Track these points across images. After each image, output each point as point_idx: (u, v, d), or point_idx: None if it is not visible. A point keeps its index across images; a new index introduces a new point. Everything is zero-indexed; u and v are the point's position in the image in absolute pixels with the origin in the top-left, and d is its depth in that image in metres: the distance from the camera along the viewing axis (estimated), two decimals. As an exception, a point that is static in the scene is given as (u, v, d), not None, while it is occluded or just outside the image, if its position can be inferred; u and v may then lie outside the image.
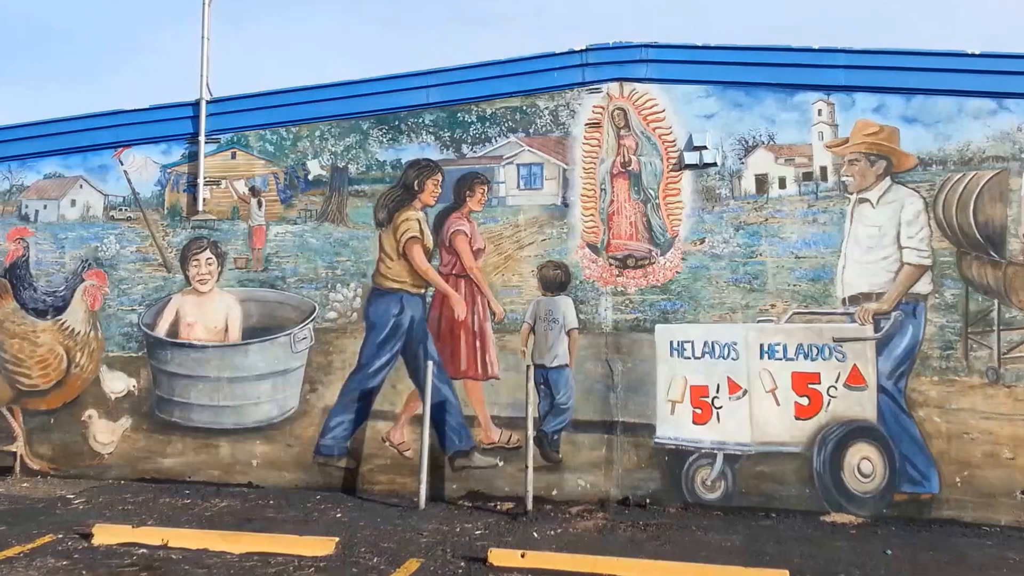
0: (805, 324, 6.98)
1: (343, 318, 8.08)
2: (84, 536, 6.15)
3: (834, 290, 6.99)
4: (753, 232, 7.28)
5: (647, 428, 7.18)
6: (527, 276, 7.71)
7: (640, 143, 7.67)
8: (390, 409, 7.83)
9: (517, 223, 7.82)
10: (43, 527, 6.49)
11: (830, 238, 7.07)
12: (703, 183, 7.46)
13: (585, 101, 7.84)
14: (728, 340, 7.07)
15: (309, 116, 8.47)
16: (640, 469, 7.15)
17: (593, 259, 7.61)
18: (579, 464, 7.29)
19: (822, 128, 7.27)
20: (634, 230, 7.59)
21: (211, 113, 8.70)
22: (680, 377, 7.16)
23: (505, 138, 8.02)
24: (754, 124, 7.42)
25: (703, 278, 7.31)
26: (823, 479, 6.70)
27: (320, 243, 8.27)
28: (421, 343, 7.82)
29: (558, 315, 7.57)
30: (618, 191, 7.68)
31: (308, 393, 8.05)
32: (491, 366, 7.68)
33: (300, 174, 8.47)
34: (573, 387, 7.42)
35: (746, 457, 6.89)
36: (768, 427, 6.86)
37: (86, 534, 6.16)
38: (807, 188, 7.22)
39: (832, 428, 6.74)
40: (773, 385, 6.90)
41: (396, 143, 8.27)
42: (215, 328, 8.35)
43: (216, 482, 8.06)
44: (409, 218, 8.03)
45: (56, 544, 6.04)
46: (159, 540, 5.98)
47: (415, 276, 7.94)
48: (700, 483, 6.98)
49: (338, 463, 7.86)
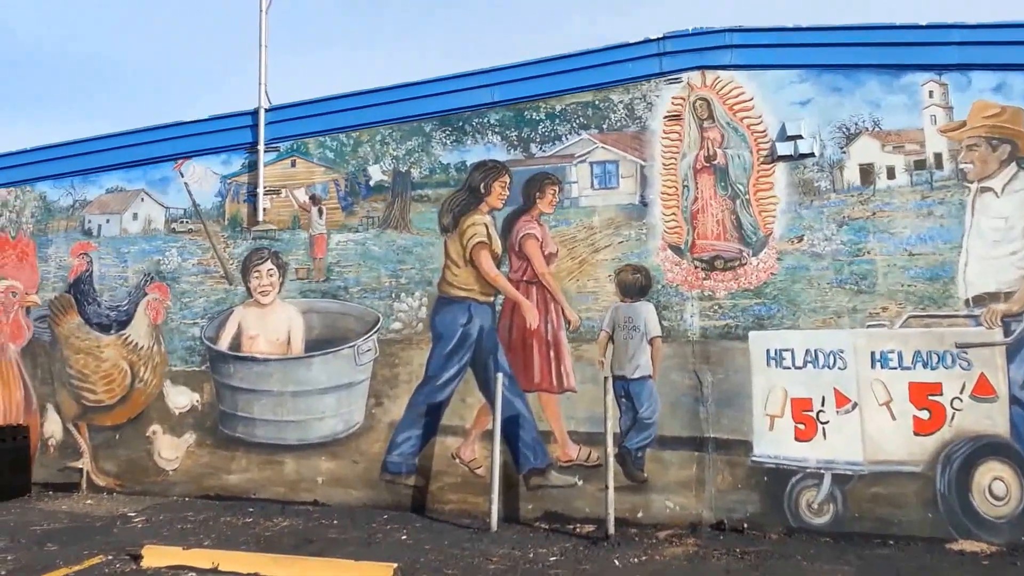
0: (923, 328, 6.27)
1: (408, 328, 7.74)
2: (134, 558, 5.95)
3: (955, 290, 6.27)
4: (859, 228, 6.62)
5: (742, 445, 6.58)
6: (603, 281, 7.22)
7: (726, 135, 7.12)
8: (459, 424, 7.44)
9: (591, 225, 7.35)
10: (96, 547, 6.32)
11: (948, 232, 6.36)
12: (799, 175, 6.85)
13: (663, 93, 7.34)
14: (834, 347, 6.43)
15: (369, 120, 8.22)
16: (735, 490, 6.54)
17: (676, 261, 7.07)
18: (666, 484, 6.73)
19: (934, 111, 6.59)
20: (722, 229, 7.02)
21: (269, 121, 8.54)
22: (779, 389, 6.54)
23: (576, 135, 7.58)
24: (856, 109, 6.78)
25: (802, 280, 6.68)
26: (948, 502, 5.99)
27: (383, 251, 7.97)
28: (491, 354, 7.41)
29: (639, 322, 7.05)
30: (702, 187, 7.13)
31: (373, 407, 7.73)
32: (567, 377, 7.20)
33: (361, 180, 8.20)
34: (657, 400, 6.88)
35: (858, 477, 6.22)
36: (883, 444, 6.18)
37: (136, 555, 5.96)
38: (920, 178, 6.53)
39: (957, 444, 6.03)
40: (887, 397, 6.23)
41: (460, 144, 7.92)
42: (277, 340, 8.12)
43: (281, 500, 7.80)
44: (476, 222, 7.66)
45: (104, 566, 5.84)
46: (210, 563, 5.75)
47: (483, 283, 7.55)
48: (805, 506, 6.33)
49: (406, 481, 7.50)
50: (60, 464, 8.76)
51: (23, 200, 9.33)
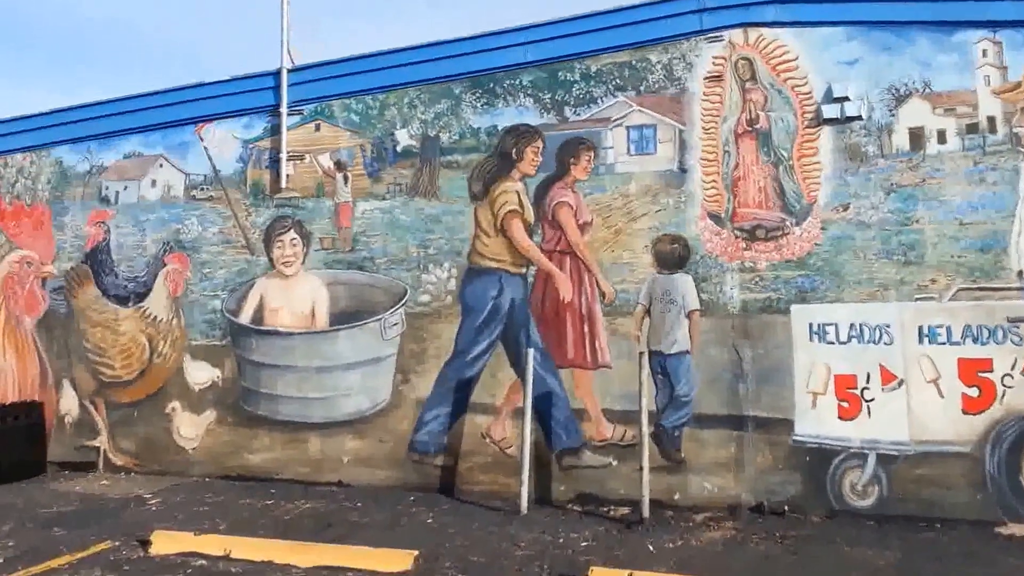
0: (973, 302, 6.73)
1: (437, 301, 8.36)
2: (143, 544, 6.38)
3: (1007, 261, 6.72)
4: (907, 196, 7.08)
5: (783, 424, 7.11)
6: (640, 252, 7.76)
7: (769, 97, 7.58)
8: (490, 401, 8.06)
9: (628, 192, 7.88)
10: (105, 532, 6.76)
11: (1001, 200, 6.79)
12: (845, 140, 7.31)
13: (703, 52, 7.82)
14: (880, 322, 6.92)
15: (397, 82, 8.79)
16: (776, 471, 7.10)
17: (716, 231, 7.59)
18: (704, 464, 7.30)
19: (988, 71, 6.99)
20: (764, 196, 7.52)
21: (293, 83, 9.16)
22: (822, 365, 7.05)
23: (612, 98, 8.08)
24: (906, 69, 7.20)
25: (848, 250, 7.17)
26: (998, 483, 6.48)
27: (411, 220, 8.58)
28: (523, 328, 8.00)
29: (676, 295, 7.60)
30: (744, 153, 7.62)
31: (400, 384, 8.38)
32: (601, 353, 7.78)
33: (388, 145, 8.81)
34: (695, 376, 7.44)
35: (903, 458, 6.73)
36: (930, 423, 6.68)
37: (145, 541, 6.38)
38: (972, 142, 6.96)
39: (1009, 423, 6.49)
40: (935, 374, 6.71)
41: (492, 108, 8.47)
42: (301, 314, 8.79)
43: (305, 480, 8.49)
44: (507, 190, 8.21)
45: (110, 553, 6.22)
46: (221, 550, 6.09)
47: (515, 254, 8.12)
48: (848, 488, 6.86)
49: (434, 460, 8.15)
50: (76, 442, 9.57)
51: (39, 166, 10.14)
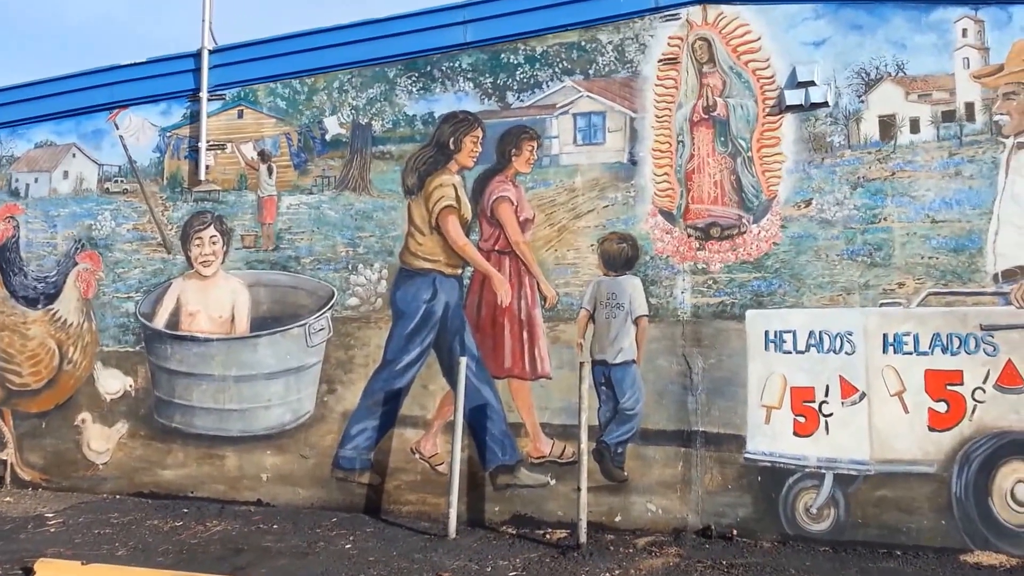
0: (944, 308, 6.37)
1: (366, 305, 8.01)
2: (26, 572, 6.08)
3: (983, 263, 6.35)
4: (876, 190, 6.71)
5: (735, 440, 6.76)
6: (585, 251, 7.41)
7: (728, 81, 7.22)
8: (421, 414, 7.72)
9: (573, 186, 7.52)
10: None
11: (978, 195, 6.42)
12: (809, 129, 6.94)
13: (658, 32, 7.45)
14: (841, 329, 6.56)
15: (326, 64, 8.44)
16: (726, 491, 6.74)
17: (667, 229, 7.23)
18: (649, 484, 6.95)
19: (968, 53, 6.62)
20: (720, 191, 7.15)
21: (214, 65, 8.81)
22: (778, 376, 6.70)
23: (559, 82, 7.73)
24: (878, 51, 6.83)
25: (809, 250, 6.80)
26: (965, 507, 6.13)
27: (339, 216, 8.23)
28: (457, 334, 7.66)
29: (623, 299, 7.23)
30: (699, 143, 7.26)
31: (325, 395, 8.04)
32: (541, 362, 7.43)
33: (316, 134, 8.45)
34: (642, 388, 7.08)
35: (863, 478, 6.37)
36: (893, 440, 6.32)
37: (28, 570, 6.07)
38: (948, 131, 6.59)
39: (978, 442, 6.15)
40: (900, 387, 6.36)
41: (428, 93, 8.12)
42: (220, 318, 8.45)
43: (221, 499, 8.15)
44: (443, 183, 7.87)
45: None
46: None
47: (450, 253, 7.78)
48: (803, 510, 6.52)
49: (360, 478, 7.81)
50: (-17, 456, 9.21)
51: (-58, 157, 9.75)
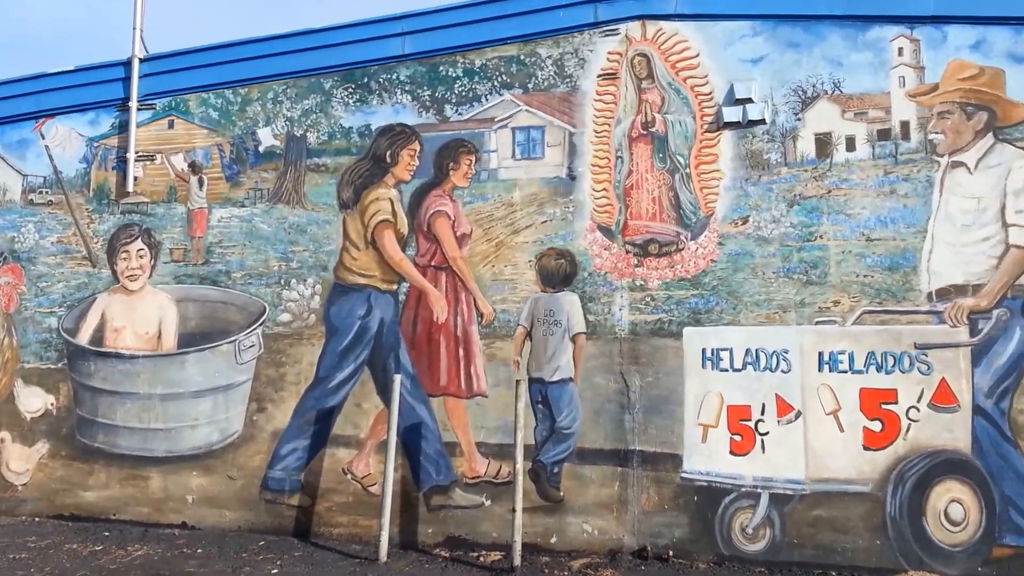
0: (879, 326, 6.46)
1: (298, 321, 7.92)
2: None
3: (917, 282, 6.46)
4: (812, 208, 6.81)
5: (672, 459, 6.77)
6: (523, 267, 7.41)
7: (667, 97, 7.30)
8: (354, 434, 7.62)
9: (512, 201, 7.53)
10: None
11: (913, 214, 6.55)
12: (747, 146, 7.03)
13: (598, 47, 7.52)
14: (777, 347, 6.62)
15: (260, 74, 8.39)
16: (662, 512, 6.73)
17: (606, 245, 7.26)
18: (585, 505, 6.92)
19: (903, 72, 6.76)
20: (658, 208, 7.21)
21: (145, 74, 8.72)
22: (715, 394, 6.73)
23: (498, 95, 7.76)
24: (814, 69, 6.95)
25: (746, 268, 6.87)
26: (899, 527, 6.19)
27: (272, 229, 8.14)
28: (392, 352, 7.59)
29: (561, 316, 7.23)
30: (638, 159, 7.31)
31: (255, 413, 7.91)
32: (477, 380, 7.39)
33: (249, 145, 8.37)
34: (579, 407, 7.07)
35: (799, 498, 6.40)
36: (828, 460, 6.36)
37: None
38: (883, 150, 6.71)
39: (912, 461, 6.22)
40: (835, 405, 6.41)
41: (365, 105, 8.10)
42: (146, 334, 8.29)
43: (144, 522, 7.96)
44: (380, 197, 7.82)
45: None
46: None
47: (386, 269, 7.72)
48: (739, 531, 6.53)
49: (289, 500, 7.67)
50: (-101, 478, 8.92)
51: None
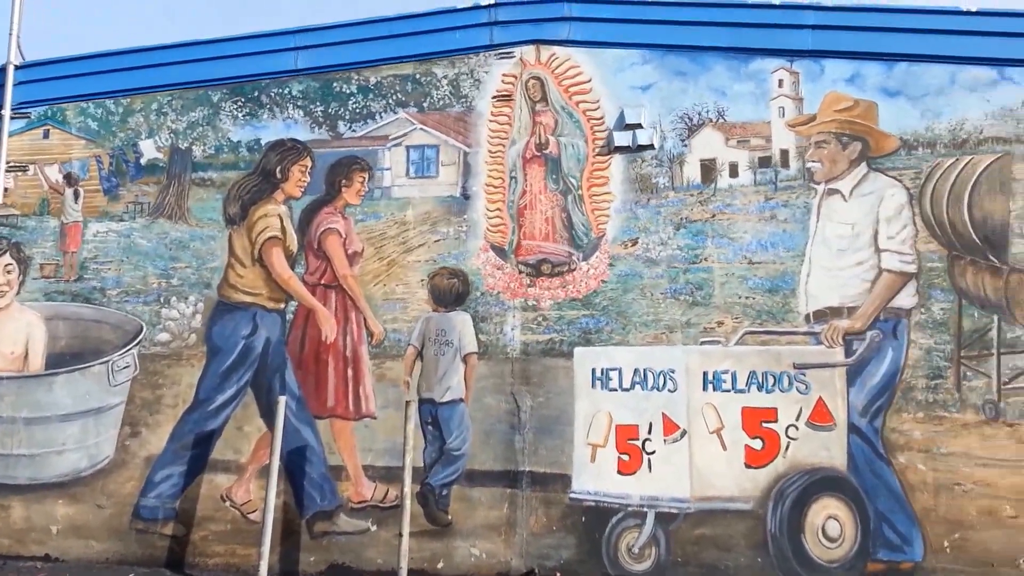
0: (760, 347, 6.84)
1: (178, 341, 7.81)
2: None
3: (796, 304, 6.88)
4: (697, 231, 7.18)
5: (561, 480, 6.94)
6: (415, 287, 7.52)
7: (560, 120, 7.59)
8: (234, 458, 7.52)
9: (405, 220, 7.66)
10: None
11: (792, 238, 6.99)
12: (636, 170, 7.37)
13: (493, 68, 7.78)
14: (664, 367, 6.91)
15: (144, 84, 8.35)
16: (550, 533, 6.89)
17: (499, 265, 7.45)
18: (474, 528, 7.01)
19: (783, 103, 7.25)
20: (551, 228, 7.46)
21: (20, 81, 8.56)
22: (603, 414, 6.96)
23: (392, 113, 7.92)
24: (700, 97, 7.38)
25: (635, 289, 7.17)
26: (779, 544, 6.49)
27: (152, 245, 8.04)
28: (277, 372, 7.55)
29: (452, 336, 7.37)
30: (532, 180, 7.57)
31: (128, 438, 7.73)
32: (365, 401, 7.42)
33: (130, 157, 8.28)
34: (469, 428, 7.18)
35: (684, 517, 6.65)
36: (712, 478, 6.65)
37: None
38: (764, 176, 7.16)
39: (791, 479, 6.56)
40: (719, 424, 6.72)
41: (255, 119, 8.12)
42: (11, 354, 8.05)
43: (4, 554, 7.64)
44: (268, 213, 7.82)
45: None
46: None
47: (273, 287, 7.71)
48: (625, 550, 6.73)
49: (163, 529, 7.49)
50: None
51: None
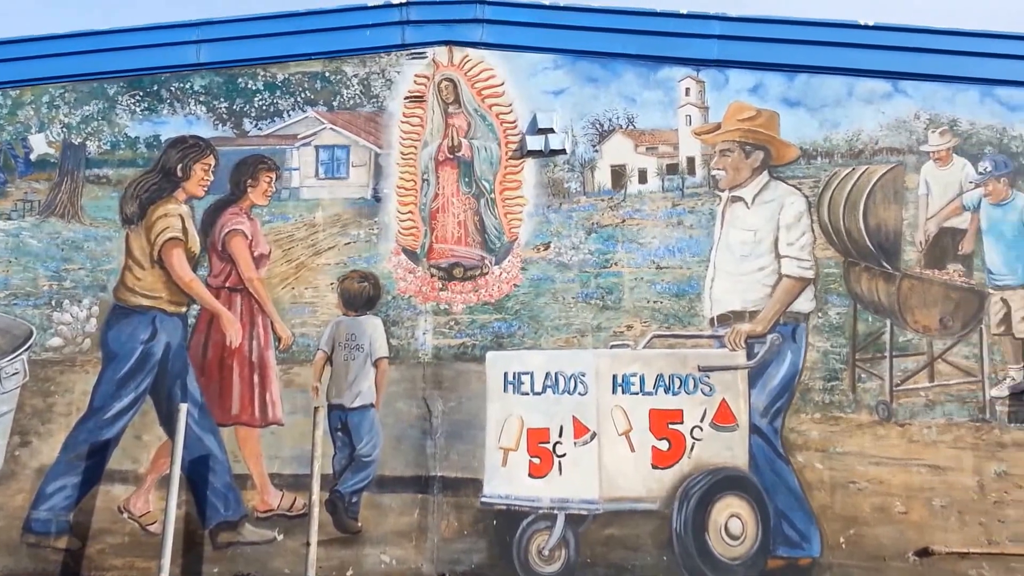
0: (667, 350, 7.18)
1: (71, 346, 7.66)
2: None
3: (701, 308, 7.24)
4: (608, 236, 7.47)
5: (472, 484, 7.12)
6: (324, 290, 7.58)
7: (473, 123, 7.77)
8: (132, 468, 7.41)
9: (314, 222, 7.71)
10: None
11: (698, 244, 7.35)
12: (549, 174, 7.61)
13: (405, 69, 7.90)
14: (575, 370, 7.16)
15: (35, 76, 8.15)
16: (462, 537, 7.06)
17: (411, 268, 7.58)
18: (384, 534, 7.11)
19: (690, 111, 7.61)
20: (463, 232, 7.63)
21: (-103, 68, 8.23)
22: (515, 418, 7.17)
23: (301, 112, 7.95)
24: (611, 104, 7.67)
25: (547, 293, 7.41)
26: (684, 543, 6.83)
27: (43, 245, 7.86)
28: (178, 378, 7.49)
29: (363, 340, 7.46)
30: (444, 182, 7.72)
31: (17, 448, 7.53)
32: (272, 408, 7.44)
33: (19, 152, 8.07)
34: (380, 433, 7.29)
35: (593, 518, 6.92)
36: (620, 479, 6.93)
37: None
38: (671, 183, 7.50)
39: (696, 479, 6.90)
40: (627, 426, 7.02)
41: (154, 114, 8.03)
42: None
43: None
44: (169, 213, 7.74)
45: None
46: None
47: (174, 290, 7.64)
48: (536, 553, 6.95)
49: (56, 543, 7.31)
50: None
51: None
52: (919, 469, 6.86)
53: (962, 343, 7.06)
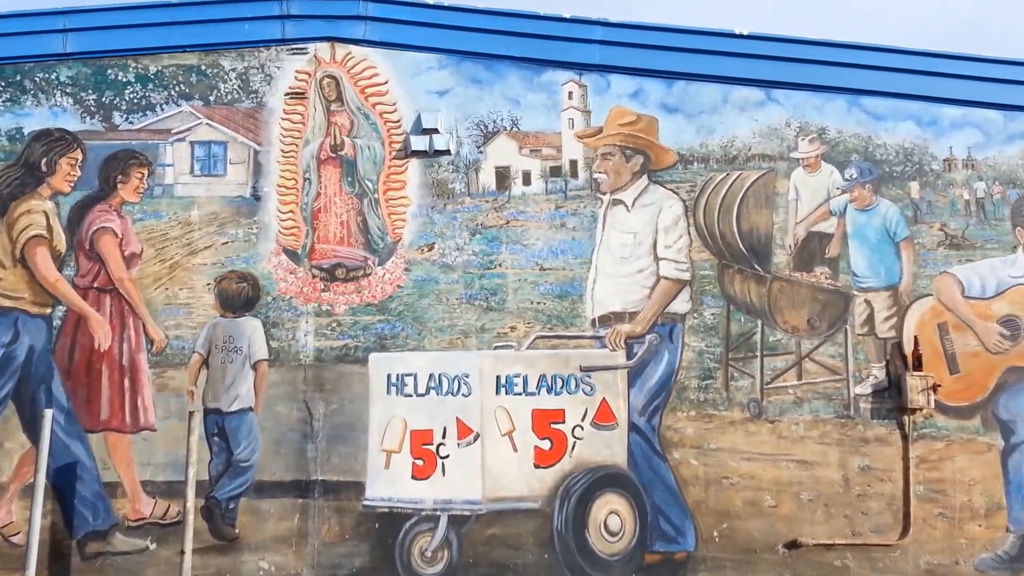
0: (550, 350, 7.48)
1: (-76, 350, 7.43)
2: None
3: (583, 309, 7.58)
4: (492, 237, 7.72)
5: (355, 488, 7.26)
6: (201, 291, 7.57)
7: (356, 122, 7.88)
8: (-8, 478, 7.29)
9: (189, 220, 7.68)
10: None
11: (580, 246, 7.68)
12: (433, 175, 7.81)
13: (285, 64, 7.94)
14: (459, 372, 7.36)
15: None
16: (343, 541, 7.20)
17: (291, 269, 7.65)
18: (263, 540, 7.18)
19: (573, 114, 7.93)
20: (346, 232, 7.75)
21: None
22: (399, 420, 7.33)
23: (176, 106, 7.89)
24: (495, 105, 7.92)
25: (431, 294, 7.61)
26: (565, 541, 7.14)
27: None
28: (43, 383, 7.36)
29: (241, 342, 7.49)
30: (327, 181, 7.81)
31: None
32: (144, 413, 7.40)
33: None
34: (259, 438, 7.34)
35: (476, 518, 7.16)
36: (503, 479, 7.19)
37: None
38: (555, 186, 7.81)
39: (577, 477, 7.21)
40: (510, 427, 7.28)
41: (17, 105, 7.83)
42: None
43: None
44: (32, 209, 7.58)
45: None
46: None
47: (38, 290, 7.49)
48: (418, 554, 7.15)
49: (-94, 561, 7.15)
50: None
51: None
52: (788, 464, 7.38)
53: (828, 343, 7.62)
